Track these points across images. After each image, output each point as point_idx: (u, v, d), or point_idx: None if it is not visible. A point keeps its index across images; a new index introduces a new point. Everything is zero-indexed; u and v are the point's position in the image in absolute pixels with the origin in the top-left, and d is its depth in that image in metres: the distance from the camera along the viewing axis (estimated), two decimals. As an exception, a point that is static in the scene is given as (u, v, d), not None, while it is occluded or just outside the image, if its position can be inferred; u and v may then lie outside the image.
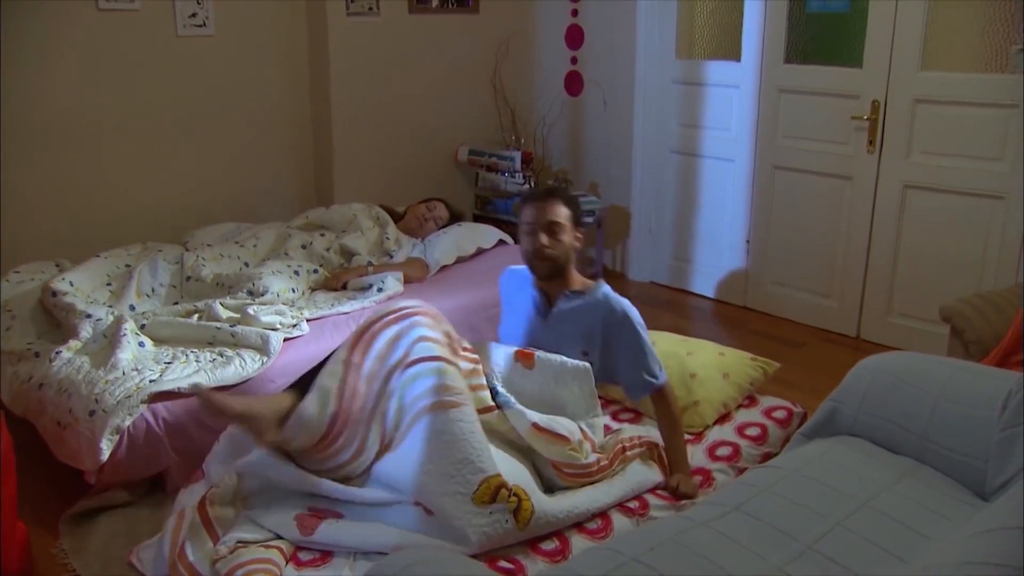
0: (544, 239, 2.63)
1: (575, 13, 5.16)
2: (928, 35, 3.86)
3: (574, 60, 5.24)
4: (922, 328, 4.03)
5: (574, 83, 5.27)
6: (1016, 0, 3.60)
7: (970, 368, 2.17)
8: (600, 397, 2.79)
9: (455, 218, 4.28)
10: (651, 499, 2.46)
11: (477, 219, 5.09)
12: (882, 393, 2.17)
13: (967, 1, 3.78)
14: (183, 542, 2.20)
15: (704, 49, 4.83)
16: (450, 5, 4.98)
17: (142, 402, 2.67)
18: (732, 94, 4.62)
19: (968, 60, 3.83)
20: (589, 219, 4.76)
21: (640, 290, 5.07)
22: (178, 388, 2.74)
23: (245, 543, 2.18)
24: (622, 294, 2.75)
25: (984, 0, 3.71)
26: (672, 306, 4.85)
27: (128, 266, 3.47)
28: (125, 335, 2.94)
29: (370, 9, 4.61)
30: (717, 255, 4.86)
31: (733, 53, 4.58)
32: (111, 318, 3.09)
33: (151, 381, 2.73)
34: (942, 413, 2.07)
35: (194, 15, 4.14)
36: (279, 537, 2.21)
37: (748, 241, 4.68)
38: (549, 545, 2.23)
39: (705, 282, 4.94)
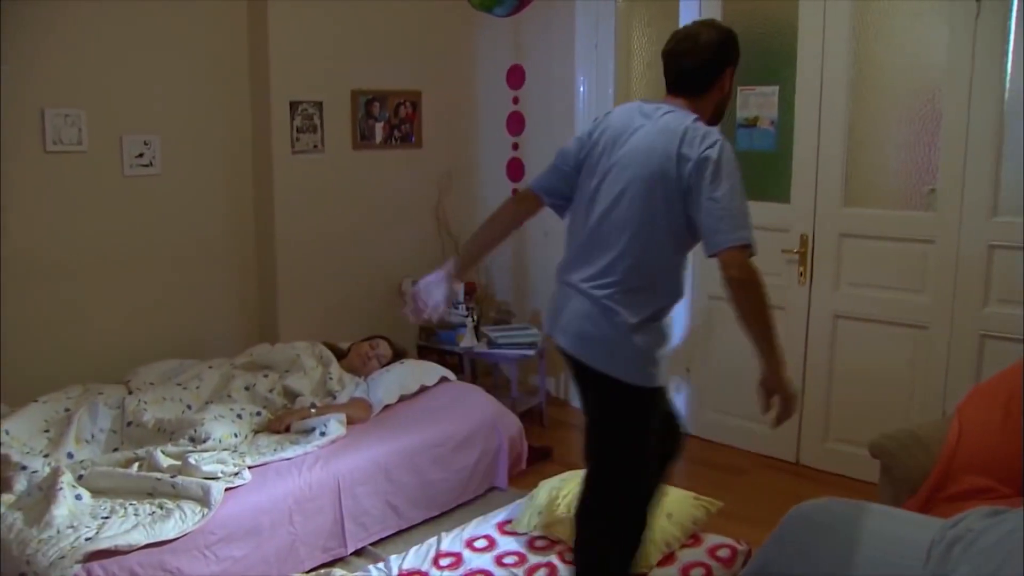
0: None
1: (516, 147, 5.35)
2: (848, 174, 4.08)
3: (515, 192, 5.39)
4: (859, 452, 4.06)
5: (516, 214, 5.40)
6: (923, 147, 3.84)
7: (896, 516, 2.24)
8: None
9: (398, 355, 4.30)
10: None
11: (422, 351, 5.11)
12: (810, 545, 2.22)
13: (880, 146, 4.01)
14: None
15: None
16: (394, 141, 5.13)
17: (76, 562, 2.60)
18: (667, 227, 4.76)
19: (886, 198, 4.03)
20: (530, 351, 4.83)
21: (582, 418, 5.08)
22: (115, 546, 2.68)
23: None
24: (565, 422, 2.78)
25: (895, 145, 3.95)
26: (616, 433, 4.87)
27: (68, 410, 3.44)
28: (61, 488, 2.88)
29: (315, 146, 4.73)
30: (659, 381, 4.92)
31: (667, 188, 4.75)
32: (47, 469, 3.04)
33: (87, 539, 2.68)
34: (869, 564, 2.12)
35: (141, 155, 4.20)
36: None
37: (687, 369, 4.78)
38: None
39: (648, 408, 4.99)
